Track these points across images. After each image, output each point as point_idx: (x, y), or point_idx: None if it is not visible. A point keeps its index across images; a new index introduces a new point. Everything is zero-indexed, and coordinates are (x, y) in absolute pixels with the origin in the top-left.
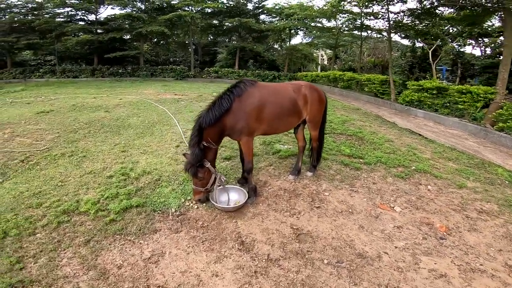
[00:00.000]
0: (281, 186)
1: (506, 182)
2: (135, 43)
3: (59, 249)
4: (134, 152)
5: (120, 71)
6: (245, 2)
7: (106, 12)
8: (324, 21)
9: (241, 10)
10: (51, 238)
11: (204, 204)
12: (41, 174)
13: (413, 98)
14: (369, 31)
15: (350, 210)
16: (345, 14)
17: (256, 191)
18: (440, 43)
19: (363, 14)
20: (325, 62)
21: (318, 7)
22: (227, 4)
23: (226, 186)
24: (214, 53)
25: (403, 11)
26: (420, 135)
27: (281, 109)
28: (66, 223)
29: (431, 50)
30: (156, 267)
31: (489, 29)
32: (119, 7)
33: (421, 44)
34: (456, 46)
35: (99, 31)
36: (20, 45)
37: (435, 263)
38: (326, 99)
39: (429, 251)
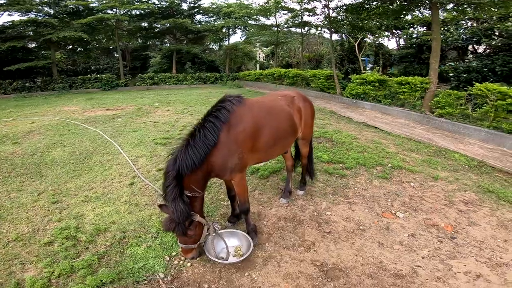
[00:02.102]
0: (278, 215)
1: (466, 167)
2: (43, 52)
3: None
4: (72, 202)
5: (27, 85)
6: (180, 2)
7: (1, 19)
8: (263, 19)
9: (175, 10)
10: None
11: (198, 258)
12: None
13: (358, 91)
14: (306, 28)
15: (360, 227)
16: (285, 11)
17: (256, 230)
18: (362, 36)
19: (303, 11)
20: (262, 60)
21: (258, 4)
22: (159, 5)
23: (219, 231)
24: (146, 57)
25: (339, 7)
26: (376, 127)
27: (279, 130)
28: None
29: (357, 43)
30: None
31: (402, 22)
32: (19, 13)
33: (346, 38)
34: (375, 39)
35: None
36: None
37: (464, 265)
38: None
39: (452, 254)
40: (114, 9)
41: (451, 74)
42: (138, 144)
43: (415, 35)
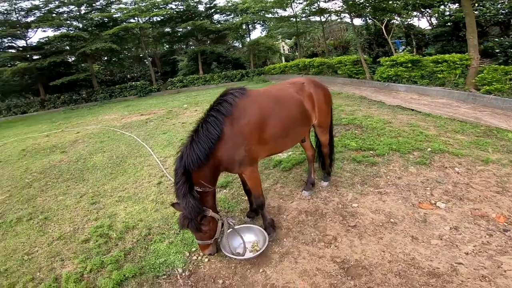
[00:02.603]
0: (299, 209)
1: None
2: (82, 65)
3: None
4: (108, 202)
5: (73, 97)
6: (195, 4)
7: (37, 35)
8: (280, 10)
9: (193, 13)
10: None
11: (215, 254)
12: (0, 247)
13: (389, 73)
14: (326, 15)
15: (391, 219)
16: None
17: (274, 224)
18: (389, 18)
19: None
20: (287, 52)
21: None
22: (177, 9)
23: (236, 227)
24: (174, 61)
25: None
26: (413, 110)
27: (288, 119)
28: None
29: (383, 25)
30: None
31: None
32: (52, 29)
33: (371, 22)
34: (403, 20)
35: (35, 57)
36: None
37: None
38: (331, 95)
39: (504, 249)
40: (136, 18)
41: (497, 50)
42: (167, 145)
43: (447, 13)
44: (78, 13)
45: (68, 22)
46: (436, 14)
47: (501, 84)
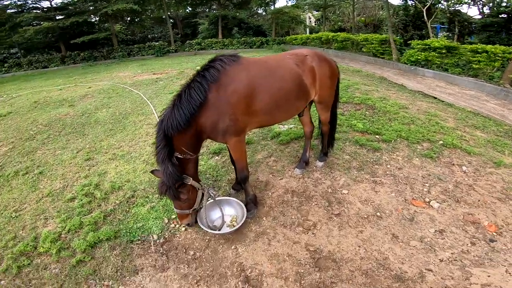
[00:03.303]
0: (287, 187)
1: None
2: (105, 25)
3: None
4: (101, 159)
5: (93, 54)
6: None
7: None
8: None
9: None
10: (16, 286)
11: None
12: None
13: (419, 57)
14: None
15: (378, 213)
16: None
17: (256, 201)
18: (434, 2)
19: None
20: (313, 24)
21: None
22: None
23: (217, 198)
24: (195, 24)
25: None
26: (435, 98)
27: (281, 92)
28: (27, 267)
29: (425, 8)
30: None
31: None
32: None
33: (412, 3)
34: (450, 5)
35: (58, 17)
36: None
37: (488, 276)
38: (339, 71)
39: (480, 260)
40: None
41: None
42: None
43: (504, 4)
44: None
45: None
46: (491, 4)
47: None
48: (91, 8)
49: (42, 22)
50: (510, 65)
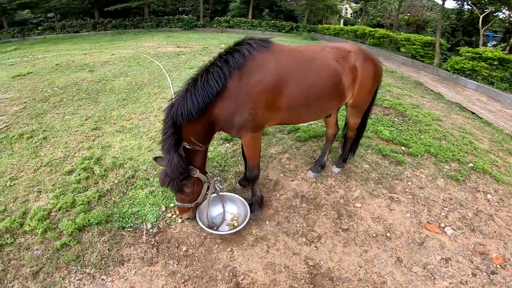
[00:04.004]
0: (297, 191)
1: None
2: None
3: (5, 281)
4: (108, 130)
5: (124, 23)
6: None
7: None
8: None
9: None
10: None
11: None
12: None
13: (465, 66)
14: None
15: (388, 233)
16: None
17: (262, 202)
18: (495, 9)
19: None
20: (349, 16)
21: None
22: None
23: (221, 193)
24: (226, 2)
25: None
26: (473, 113)
27: (313, 90)
28: (9, 245)
29: (483, 15)
30: None
31: None
32: None
33: (469, 8)
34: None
35: None
36: (14, 6)
37: None
38: (382, 73)
39: None
40: None
41: None
42: None
43: None
44: None
45: None
46: None
47: None
48: None
49: None
50: None
